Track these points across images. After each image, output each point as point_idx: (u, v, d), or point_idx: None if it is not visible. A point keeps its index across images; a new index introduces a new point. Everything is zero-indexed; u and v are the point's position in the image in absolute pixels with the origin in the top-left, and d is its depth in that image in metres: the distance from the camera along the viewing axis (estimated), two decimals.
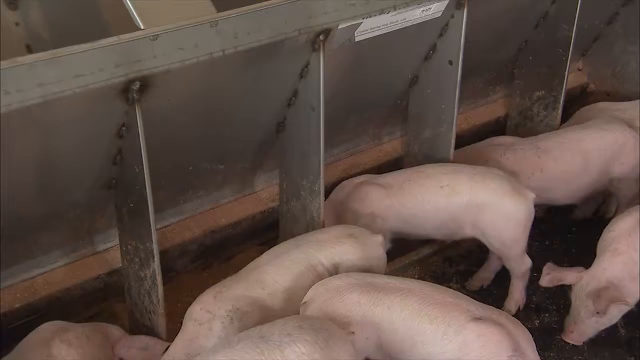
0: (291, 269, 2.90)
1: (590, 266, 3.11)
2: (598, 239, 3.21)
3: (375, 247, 3.03)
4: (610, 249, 3.09)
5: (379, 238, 3.04)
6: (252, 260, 2.99)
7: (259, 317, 2.79)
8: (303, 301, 2.76)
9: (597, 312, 3.01)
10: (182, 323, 2.85)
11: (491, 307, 2.71)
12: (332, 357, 2.39)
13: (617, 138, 3.58)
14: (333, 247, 2.95)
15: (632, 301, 3.06)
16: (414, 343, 2.63)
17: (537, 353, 2.61)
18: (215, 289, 2.87)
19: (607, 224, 3.27)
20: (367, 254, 2.98)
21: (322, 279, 2.83)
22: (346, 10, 2.81)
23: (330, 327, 2.51)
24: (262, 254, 3.03)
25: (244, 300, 2.82)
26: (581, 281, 3.07)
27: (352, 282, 2.73)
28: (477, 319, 2.59)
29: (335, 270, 2.92)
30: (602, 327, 3.10)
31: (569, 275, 3.10)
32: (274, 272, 2.89)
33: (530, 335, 2.64)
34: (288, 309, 2.84)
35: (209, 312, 2.77)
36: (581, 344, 3.16)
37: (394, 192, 3.29)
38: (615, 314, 3.03)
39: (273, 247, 3.08)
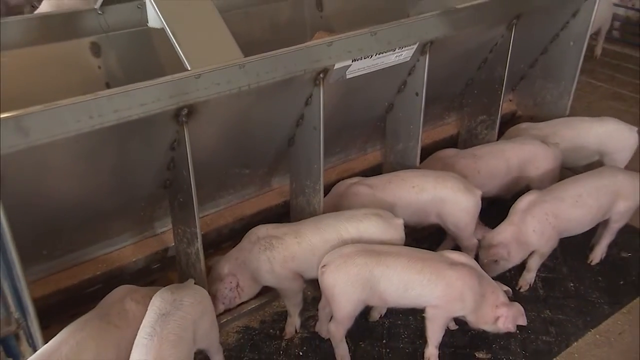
0: (322, 230, 2.89)
1: None
2: None
3: (396, 228, 2.94)
4: (508, 219, 3.13)
5: (400, 221, 2.97)
6: None
7: (282, 256, 2.82)
8: (322, 264, 2.75)
9: (496, 261, 3.10)
10: None
11: (451, 251, 2.84)
12: (207, 299, 2.57)
13: (532, 149, 3.61)
14: (360, 221, 2.92)
15: (514, 260, 3.12)
16: (406, 289, 2.69)
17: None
18: (273, 225, 2.93)
19: None
20: (387, 231, 2.92)
21: (344, 245, 2.84)
22: (342, 56, 2.82)
23: (191, 284, 2.62)
24: None
25: (279, 241, 2.84)
26: (485, 238, 3.13)
27: (358, 249, 2.75)
28: (452, 264, 2.70)
29: (358, 239, 2.88)
30: (501, 270, 3.16)
31: (480, 232, 3.22)
32: (309, 231, 2.90)
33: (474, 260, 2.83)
34: (307, 261, 2.85)
35: (257, 236, 2.87)
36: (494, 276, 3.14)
37: (378, 191, 3.26)
38: (503, 264, 3.11)
39: (318, 215, 3.09)
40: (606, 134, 3.75)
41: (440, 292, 2.66)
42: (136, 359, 2.23)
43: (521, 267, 3.26)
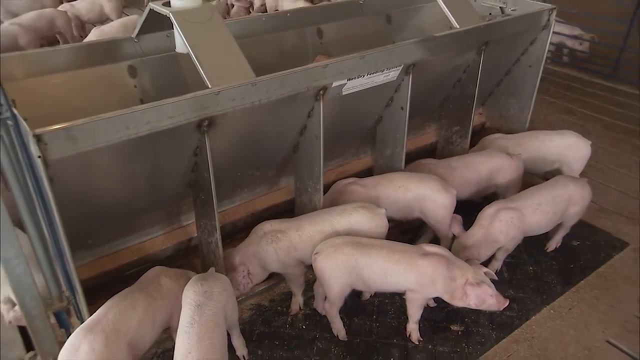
0: (318, 224, 2.89)
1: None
2: None
3: (380, 216, 2.94)
4: (478, 223, 3.11)
5: (383, 210, 2.97)
6: None
7: (286, 247, 2.82)
8: (315, 252, 2.75)
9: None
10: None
11: (428, 244, 2.81)
12: (229, 285, 2.54)
13: (499, 161, 3.59)
14: (350, 214, 2.92)
15: (484, 256, 3.11)
16: (385, 276, 2.68)
17: (456, 257, 2.75)
18: (276, 220, 2.91)
19: None
20: (373, 220, 2.92)
21: (335, 236, 2.83)
22: (337, 76, 2.84)
23: (213, 273, 2.59)
24: None
25: (283, 235, 2.84)
26: (460, 237, 3.12)
27: (347, 241, 2.75)
28: (424, 254, 2.68)
29: (349, 229, 2.87)
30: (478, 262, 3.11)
31: (456, 229, 3.18)
32: (308, 224, 2.90)
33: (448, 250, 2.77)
34: (307, 250, 2.84)
35: (263, 231, 2.86)
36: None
37: (369, 190, 3.27)
38: (475, 260, 3.07)
39: (315, 211, 3.08)
40: (566, 146, 3.72)
41: (413, 278, 2.65)
42: (181, 342, 2.24)
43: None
